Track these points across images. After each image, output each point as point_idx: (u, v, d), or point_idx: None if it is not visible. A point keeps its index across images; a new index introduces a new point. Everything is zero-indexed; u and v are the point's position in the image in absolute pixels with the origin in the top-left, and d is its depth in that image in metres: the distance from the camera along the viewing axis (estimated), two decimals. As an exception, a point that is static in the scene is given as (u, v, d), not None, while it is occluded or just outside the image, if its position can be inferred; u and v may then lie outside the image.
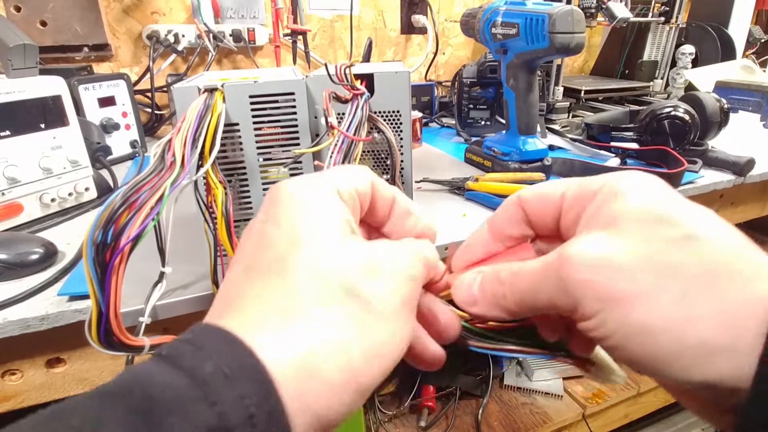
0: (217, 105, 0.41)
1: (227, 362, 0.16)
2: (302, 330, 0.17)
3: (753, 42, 1.45)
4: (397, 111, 0.48)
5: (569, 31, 0.61)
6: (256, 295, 0.19)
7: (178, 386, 0.15)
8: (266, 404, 0.15)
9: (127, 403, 0.14)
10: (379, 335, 0.18)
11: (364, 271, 0.19)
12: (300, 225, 0.20)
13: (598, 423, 1.03)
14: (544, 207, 0.23)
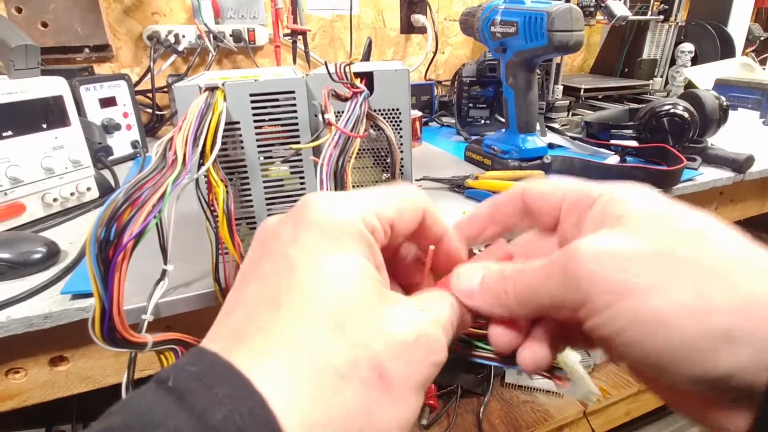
0: (218, 104, 0.41)
1: (239, 410, 0.15)
2: (321, 397, 0.17)
3: (752, 40, 1.45)
4: (396, 109, 0.49)
5: (568, 29, 0.62)
6: (276, 339, 0.18)
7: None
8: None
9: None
10: (393, 418, 0.18)
11: (395, 351, 0.18)
12: (331, 271, 0.19)
13: (600, 421, 1.03)
14: (545, 205, 0.24)
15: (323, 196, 0.21)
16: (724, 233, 0.18)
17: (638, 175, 0.72)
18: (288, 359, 0.17)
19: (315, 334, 0.18)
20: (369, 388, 0.18)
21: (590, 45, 1.51)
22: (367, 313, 0.19)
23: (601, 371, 1.08)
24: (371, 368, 0.18)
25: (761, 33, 1.47)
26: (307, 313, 0.18)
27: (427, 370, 0.19)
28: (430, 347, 0.20)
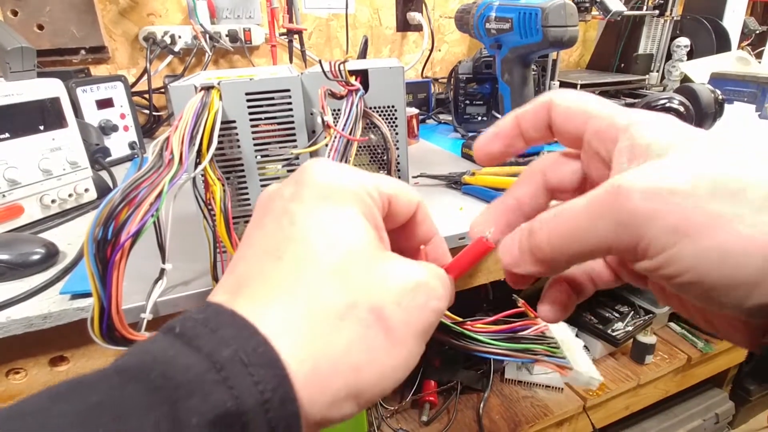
0: (214, 103, 0.41)
1: (244, 349, 0.16)
2: (321, 336, 0.18)
3: (748, 33, 1.45)
4: (392, 106, 0.49)
5: (562, 25, 0.62)
6: (277, 286, 0.18)
7: (197, 370, 0.15)
8: (280, 390, 0.16)
9: (146, 382, 0.15)
10: (392, 360, 0.19)
11: (394, 297, 0.19)
12: (332, 224, 0.20)
13: (599, 415, 1.03)
14: (568, 124, 0.22)
15: (324, 162, 0.22)
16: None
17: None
18: (287, 303, 0.18)
19: (314, 280, 0.18)
20: (368, 329, 0.18)
21: (586, 41, 1.51)
22: (366, 262, 0.19)
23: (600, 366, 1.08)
24: (370, 310, 0.18)
25: (757, 26, 1.47)
26: (307, 262, 0.19)
27: (427, 316, 0.20)
28: (429, 293, 0.20)
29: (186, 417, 0.14)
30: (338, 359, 0.18)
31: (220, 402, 0.15)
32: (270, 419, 0.16)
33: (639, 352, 1.08)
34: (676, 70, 1.22)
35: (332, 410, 0.18)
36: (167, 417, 0.14)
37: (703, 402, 1.24)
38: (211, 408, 0.15)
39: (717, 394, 1.28)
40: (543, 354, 0.26)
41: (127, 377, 0.15)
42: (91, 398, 0.14)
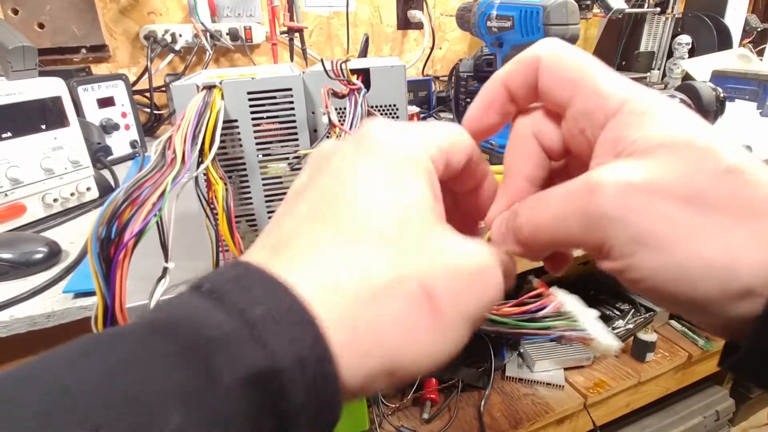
0: (216, 102, 0.41)
1: (277, 308, 0.15)
2: (362, 305, 0.16)
3: (749, 31, 1.45)
4: (393, 105, 0.49)
5: (564, 23, 0.62)
6: (319, 248, 0.17)
7: (228, 327, 0.15)
8: (317, 349, 0.15)
9: (176, 338, 0.14)
10: (435, 342, 0.18)
11: (449, 277, 0.18)
12: (389, 189, 0.18)
13: (600, 412, 1.03)
14: (555, 91, 0.20)
15: (386, 122, 0.20)
16: (757, 171, 0.16)
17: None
18: (328, 267, 0.17)
19: (361, 246, 0.17)
20: (414, 306, 0.17)
21: (587, 38, 1.51)
22: (422, 234, 0.18)
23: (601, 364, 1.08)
24: (420, 286, 0.17)
25: (758, 24, 1.47)
26: (355, 226, 0.17)
27: (480, 303, 0.19)
28: (487, 280, 0.19)
29: (218, 374, 0.14)
30: (379, 331, 0.16)
31: (253, 361, 0.14)
32: (307, 379, 0.15)
33: (640, 349, 1.08)
34: (678, 68, 1.22)
35: (366, 382, 0.17)
36: (199, 374, 0.14)
37: (703, 399, 1.24)
38: (245, 367, 0.14)
39: (717, 391, 1.28)
40: (566, 329, 0.28)
41: (158, 332, 0.14)
42: (116, 354, 0.14)
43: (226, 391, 0.14)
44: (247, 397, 0.14)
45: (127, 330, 0.15)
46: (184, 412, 0.13)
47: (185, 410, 0.13)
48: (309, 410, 0.15)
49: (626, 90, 0.18)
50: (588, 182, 0.17)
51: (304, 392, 0.15)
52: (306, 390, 0.15)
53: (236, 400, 0.14)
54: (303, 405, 0.15)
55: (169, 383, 0.13)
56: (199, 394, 0.13)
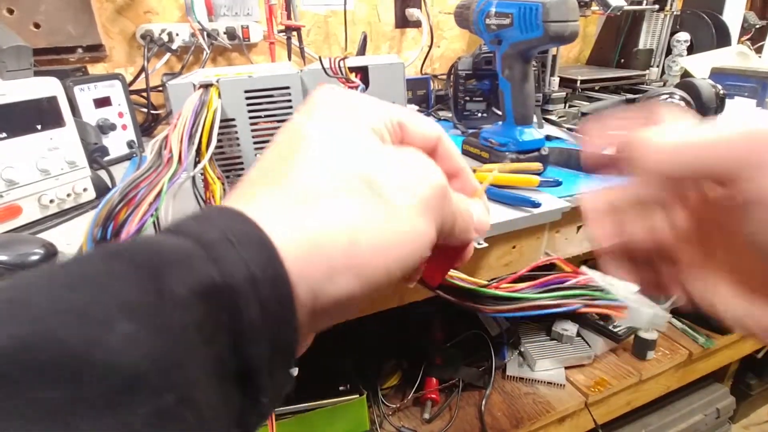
0: (213, 101, 0.41)
1: (232, 231, 0.16)
2: (311, 213, 0.17)
3: (748, 28, 1.45)
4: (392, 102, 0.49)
5: (563, 20, 0.61)
6: (271, 181, 0.19)
7: (184, 247, 0.15)
8: (269, 269, 0.16)
9: (131, 258, 0.14)
10: (390, 230, 0.18)
11: (386, 167, 0.19)
12: (338, 131, 0.20)
13: (601, 411, 1.03)
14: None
15: (333, 87, 0.22)
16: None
17: (636, 165, 0.72)
18: (279, 192, 0.18)
19: (308, 167, 0.18)
20: (362, 199, 0.18)
21: (586, 36, 1.51)
22: (364, 149, 0.19)
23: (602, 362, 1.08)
24: (363, 181, 0.18)
25: (756, 21, 1.46)
26: (303, 155, 0.19)
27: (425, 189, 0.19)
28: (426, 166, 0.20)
29: (171, 288, 0.14)
30: (333, 231, 0.17)
31: (208, 276, 0.15)
32: (261, 298, 0.15)
33: (640, 348, 1.08)
34: (677, 65, 1.21)
35: (330, 285, 0.17)
36: (152, 288, 0.14)
37: (704, 397, 1.24)
38: (197, 280, 0.14)
39: (718, 389, 1.28)
40: (590, 300, 0.26)
41: (111, 254, 0.15)
42: (69, 272, 0.14)
43: (176, 302, 0.14)
44: (198, 310, 0.14)
45: (86, 255, 0.15)
46: (133, 322, 0.13)
47: (134, 320, 0.13)
48: (265, 329, 0.15)
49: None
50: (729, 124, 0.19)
51: (259, 310, 0.15)
52: (260, 309, 0.15)
53: (187, 311, 0.14)
54: (258, 323, 0.15)
55: (119, 296, 0.13)
56: (149, 305, 0.13)
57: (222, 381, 0.15)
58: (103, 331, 0.12)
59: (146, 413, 0.12)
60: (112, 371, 0.12)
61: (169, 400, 0.13)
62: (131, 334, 0.13)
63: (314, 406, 0.79)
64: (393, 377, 1.02)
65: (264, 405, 0.16)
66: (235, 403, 0.16)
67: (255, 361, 0.15)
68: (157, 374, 0.13)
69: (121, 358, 0.12)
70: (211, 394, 0.14)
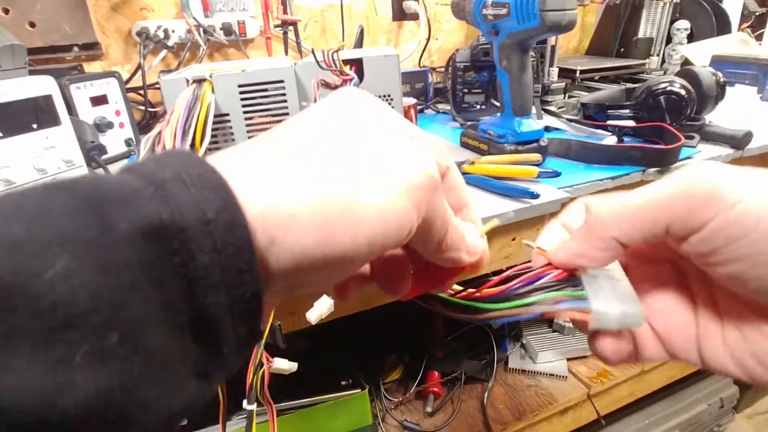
0: (206, 95, 0.41)
1: (188, 172, 0.15)
2: (278, 173, 0.16)
3: (748, 15, 1.43)
4: (388, 95, 0.48)
5: (560, 8, 0.61)
6: (242, 149, 0.18)
7: (131, 184, 0.14)
8: (225, 213, 0.15)
9: (74, 190, 0.13)
10: (363, 202, 0.17)
11: (376, 148, 0.18)
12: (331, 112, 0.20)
13: (604, 402, 1.03)
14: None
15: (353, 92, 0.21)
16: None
17: (636, 155, 0.71)
18: (247, 155, 0.17)
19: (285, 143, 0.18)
20: (338, 170, 0.17)
21: (585, 26, 1.49)
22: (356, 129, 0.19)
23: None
24: (346, 157, 0.18)
25: (756, 8, 1.45)
26: (284, 136, 0.18)
27: (412, 174, 0.18)
28: (423, 154, 0.19)
29: (114, 223, 0.13)
30: (298, 191, 0.16)
31: (154, 213, 0.14)
32: (215, 242, 0.14)
33: (643, 338, 1.07)
34: (677, 54, 1.20)
35: (287, 240, 0.16)
36: (94, 222, 0.13)
37: (707, 387, 1.23)
38: (142, 217, 0.13)
39: (721, 378, 1.27)
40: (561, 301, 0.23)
41: (54, 187, 0.14)
42: (11, 201, 0.13)
43: (119, 239, 0.13)
44: (142, 248, 0.13)
45: (29, 187, 0.14)
46: (72, 257, 0.12)
47: (73, 255, 0.12)
48: (221, 276, 0.14)
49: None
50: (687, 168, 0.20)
51: (213, 255, 0.14)
52: (215, 253, 0.14)
53: (130, 248, 0.13)
54: (212, 269, 0.14)
55: (59, 230, 0.12)
56: (91, 240, 0.13)
57: (175, 328, 0.14)
58: (40, 264, 0.12)
59: (87, 352, 0.12)
60: (49, 306, 0.12)
61: (111, 339, 0.12)
62: (70, 269, 0.12)
63: (316, 401, 0.79)
64: (395, 371, 1.02)
65: (226, 357, 0.16)
66: (194, 353, 0.15)
67: (212, 310, 0.15)
68: (98, 312, 0.12)
69: (58, 293, 0.12)
70: (162, 339, 0.14)
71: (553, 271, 0.24)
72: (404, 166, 0.18)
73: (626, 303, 0.22)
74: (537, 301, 0.23)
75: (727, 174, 0.20)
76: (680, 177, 0.20)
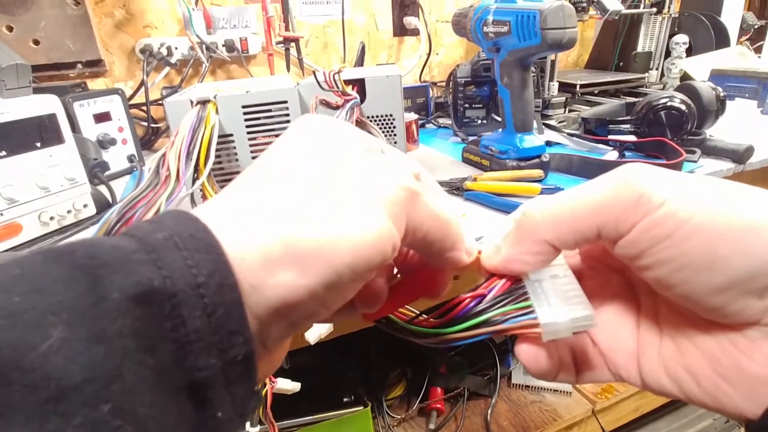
0: (210, 117, 0.41)
1: (179, 234, 0.15)
2: (257, 213, 0.17)
3: (746, 28, 1.45)
4: (390, 115, 0.48)
5: (561, 27, 0.61)
6: (232, 195, 0.18)
7: (125, 249, 0.14)
8: (216, 275, 0.15)
9: (71, 259, 0.14)
10: (340, 224, 0.17)
11: (349, 168, 0.18)
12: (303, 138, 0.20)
13: (609, 418, 1.02)
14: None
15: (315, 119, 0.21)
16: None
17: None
18: (238, 206, 0.17)
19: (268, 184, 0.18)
20: (312, 196, 0.17)
21: (584, 40, 1.51)
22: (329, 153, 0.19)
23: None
24: (319, 181, 0.18)
25: (755, 21, 1.46)
26: (265, 176, 0.18)
27: (388, 189, 0.18)
28: (395, 168, 0.19)
29: (107, 292, 0.13)
30: (273, 226, 0.16)
31: (146, 279, 0.14)
32: (206, 305, 0.14)
33: (647, 353, 1.07)
34: (676, 68, 1.21)
35: (270, 279, 0.16)
36: (87, 291, 0.13)
37: (713, 401, 1.22)
38: (134, 284, 0.14)
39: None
40: (509, 317, 0.21)
41: (52, 257, 0.14)
42: (13, 270, 0.13)
43: (112, 308, 0.13)
44: (135, 314, 0.14)
45: (30, 253, 0.14)
46: (67, 328, 0.12)
47: (68, 326, 0.12)
48: (212, 339, 0.15)
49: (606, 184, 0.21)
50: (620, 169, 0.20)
51: (204, 318, 0.14)
52: (205, 316, 0.14)
53: (123, 316, 0.13)
54: (203, 332, 0.14)
55: (55, 300, 0.13)
56: (85, 310, 0.13)
57: (169, 394, 0.14)
58: (36, 336, 0.12)
59: (79, 424, 0.12)
60: (43, 378, 0.12)
61: (104, 410, 0.12)
62: (64, 340, 0.12)
63: (319, 419, 0.79)
64: (398, 387, 1.01)
65: (221, 420, 0.15)
66: (189, 419, 0.15)
67: (203, 373, 0.15)
68: (91, 383, 0.12)
69: (52, 366, 0.12)
70: (156, 407, 0.14)
71: (497, 282, 0.22)
72: (378, 184, 0.18)
73: (573, 306, 0.21)
74: (485, 320, 0.21)
75: (655, 176, 0.19)
76: (610, 179, 0.20)
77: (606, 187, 0.20)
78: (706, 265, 0.18)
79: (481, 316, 0.21)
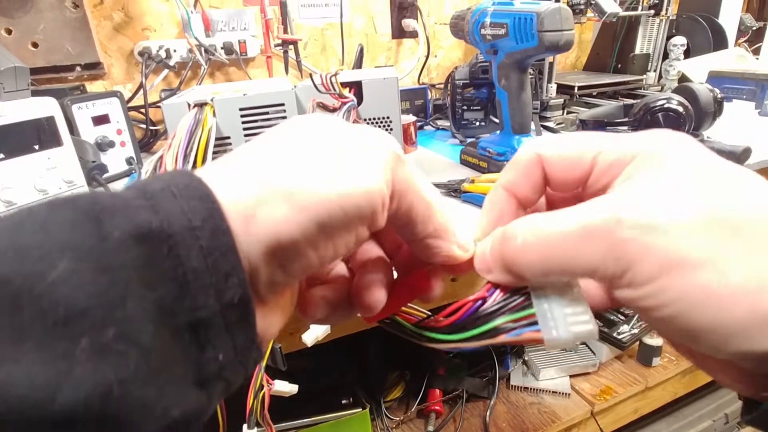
0: (207, 119, 0.41)
1: (176, 184, 0.16)
2: (260, 170, 0.17)
3: (744, 30, 1.45)
4: (387, 117, 0.48)
5: (558, 29, 0.61)
6: (228, 157, 0.19)
7: (125, 197, 0.16)
8: (210, 221, 0.16)
9: (74, 205, 0.15)
10: (333, 171, 0.18)
11: (344, 135, 0.19)
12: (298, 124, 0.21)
13: (608, 419, 1.02)
14: (571, 171, 0.21)
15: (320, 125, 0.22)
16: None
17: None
18: (235, 164, 0.18)
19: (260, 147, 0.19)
20: (308, 151, 0.18)
21: (582, 42, 1.51)
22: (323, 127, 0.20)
23: (607, 369, 1.07)
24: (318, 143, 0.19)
25: (753, 23, 1.47)
26: (262, 143, 0.19)
27: (378, 150, 0.19)
28: (383, 137, 0.20)
29: (109, 232, 0.14)
30: (265, 172, 0.17)
31: (144, 221, 0.15)
32: (202, 247, 0.15)
33: (646, 354, 1.07)
34: (674, 70, 1.21)
35: (260, 211, 0.16)
36: (91, 231, 0.14)
37: (712, 402, 1.22)
38: (134, 225, 0.15)
39: (726, 393, 1.26)
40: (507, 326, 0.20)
41: (57, 204, 0.15)
42: (18, 217, 0.15)
43: (115, 246, 0.14)
44: (136, 252, 0.15)
45: (40, 203, 0.15)
46: (72, 261, 0.14)
47: (73, 259, 0.14)
48: (208, 279, 0.15)
49: (640, 138, 0.20)
50: (612, 217, 0.17)
51: (200, 259, 0.15)
52: (202, 257, 0.15)
53: (125, 253, 0.14)
54: (199, 272, 0.15)
55: (61, 239, 0.14)
56: (89, 246, 0.14)
57: (171, 330, 0.15)
58: (44, 267, 0.13)
59: (86, 347, 0.13)
60: (51, 304, 0.13)
61: (108, 335, 0.13)
62: (71, 271, 0.13)
63: (317, 421, 0.79)
64: (396, 389, 1.01)
65: (223, 365, 0.16)
66: (191, 358, 0.16)
67: (202, 313, 0.15)
68: (96, 309, 0.13)
69: (60, 293, 0.13)
70: (158, 339, 0.14)
71: (496, 287, 0.21)
72: (370, 146, 0.19)
73: (577, 316, 0.20)
74: (485, 331, 0.20)
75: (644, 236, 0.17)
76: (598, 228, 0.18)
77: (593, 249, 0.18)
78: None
79: (482, 326, 0.21)
